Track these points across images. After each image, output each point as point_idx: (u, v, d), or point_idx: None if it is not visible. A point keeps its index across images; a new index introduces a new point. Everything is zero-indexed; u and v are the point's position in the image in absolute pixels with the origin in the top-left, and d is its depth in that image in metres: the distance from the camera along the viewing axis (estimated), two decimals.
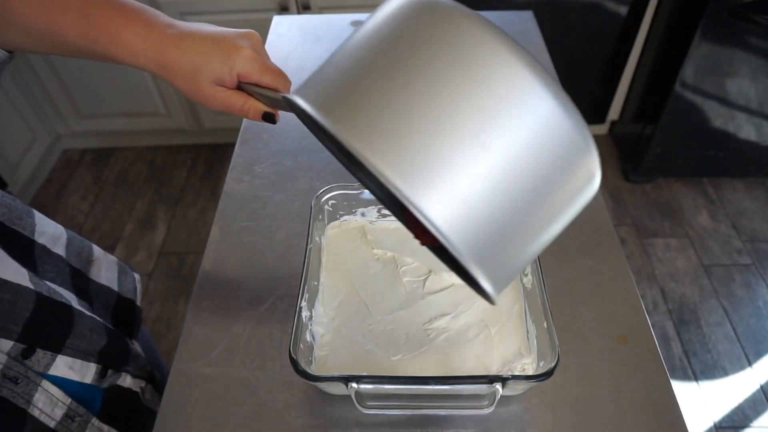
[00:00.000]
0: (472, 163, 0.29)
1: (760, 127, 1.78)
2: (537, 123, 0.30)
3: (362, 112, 0.30)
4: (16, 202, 0.55)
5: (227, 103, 0.48)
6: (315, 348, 0.56)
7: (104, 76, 1.87)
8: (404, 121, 0.29)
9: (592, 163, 0.33)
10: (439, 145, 0.29)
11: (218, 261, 0.67)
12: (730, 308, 1.60)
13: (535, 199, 0.31)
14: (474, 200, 0.30)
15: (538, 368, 0.51)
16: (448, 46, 0.30)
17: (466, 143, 0.29)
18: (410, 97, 0.30)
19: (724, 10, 1.49)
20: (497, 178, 0.30)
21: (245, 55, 0.46)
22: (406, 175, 0.29)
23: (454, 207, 0.29)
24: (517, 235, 0.32)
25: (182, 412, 0.54)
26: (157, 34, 0.45)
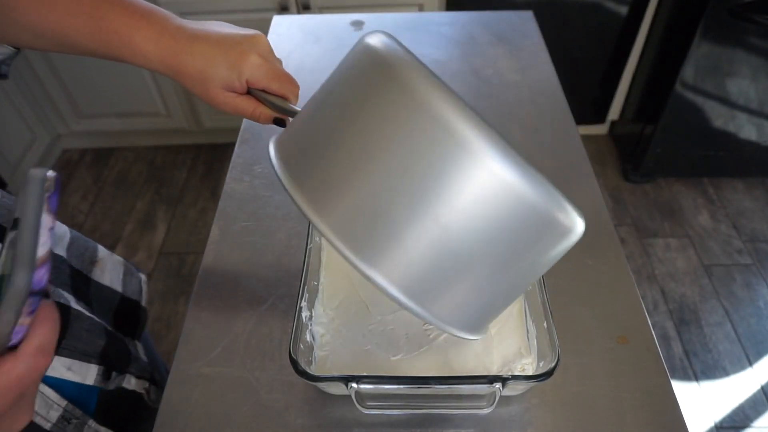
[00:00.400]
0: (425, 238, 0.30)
1: (760, 127, 1.78)
2: (491, 196, 0.30)
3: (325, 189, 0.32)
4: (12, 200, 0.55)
5: (237, 109, 0.49)
6: (315, 348, 0.56)
7: (104, 76, 1.87)
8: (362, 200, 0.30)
9: (565, 219, 0.32)
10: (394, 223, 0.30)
11: (218, 261, 0.67)
12: (731, 308, 1.60)
13: (501, 262, 0.32)
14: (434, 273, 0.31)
15: (538, 368, 0.51)
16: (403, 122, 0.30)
17: (418, 221, 0.30)
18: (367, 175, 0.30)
19: (724, 10, 1.49)
20: (454, 252, 0.30)
21: (252, 63, 0.46)
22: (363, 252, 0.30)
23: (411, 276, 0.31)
24: (488, 293, 0.33)
25: (182, 412, 0.54)
26: (167, 38, 0.45)
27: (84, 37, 0.45)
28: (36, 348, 0.30)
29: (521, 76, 0.95)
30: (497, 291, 0.34)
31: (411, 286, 0.30)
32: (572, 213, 0.32)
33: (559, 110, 0.87)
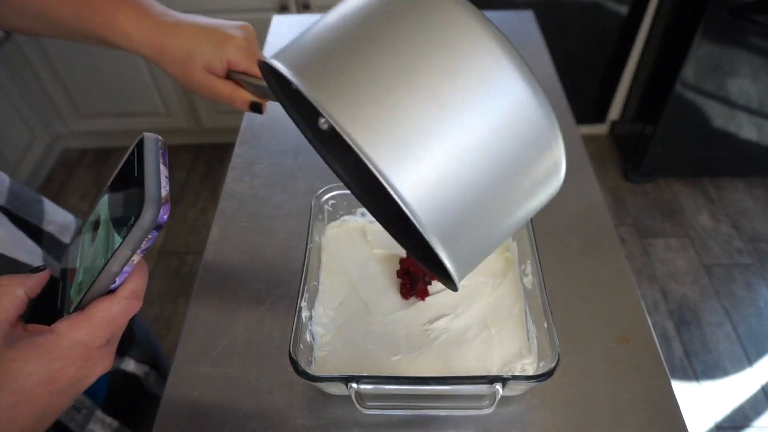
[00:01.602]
0: (440, 137, 0.29)
1: (760, 126, 1.78)
2: (507, 104, 0.30)
3: (337, 78, 0.30)
4: (25, 189, 0.56)
5: (215, 91, 0.48)
6: (315, 348, 0.56)
7: (104, 76, 1.87)
8: (377, 94, 0.29)
9: (558, 152, 0.33)
10: (409, 117, 0.29)
11: (218, 261, 0.67)
12: (731, 308, 1.60)
13: (500, 181, 0.31)
14: (441, 176, 0.30)
15: (539, 368, 0.51)
16: (426, 24, 0.30)
17: (435, 118, 0.29)
18: (384, 70, 0.30)
19: (725, 10, 1.49)
20: (465, 154, 0.30)
21: (237, 44, 0.46)
22: (378, 146, 0.29)
23: (422, 182, 0.30)
24: (481, 217, 0.32)
25: (182, 412, 0.54)
26: (151, 19, 0.46)
27: (68, 15, 0.45)
28: (131, 291, 0.33)
29: None
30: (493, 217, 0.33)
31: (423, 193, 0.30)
32: (563, 151, 0.33)
33: (559, 110, 0.87)
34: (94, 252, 0.34)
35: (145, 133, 0.35)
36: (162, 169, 0.33)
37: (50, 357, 0.31)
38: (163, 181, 0.32)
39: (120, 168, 0.36)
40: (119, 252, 0.31)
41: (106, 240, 0.33)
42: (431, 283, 0.60)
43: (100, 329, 0.32)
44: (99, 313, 0.32)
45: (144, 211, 0.30)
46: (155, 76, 1.86)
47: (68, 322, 0.32)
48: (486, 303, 0.59)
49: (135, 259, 0.32)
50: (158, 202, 0.31)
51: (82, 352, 0.32)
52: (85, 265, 0.35)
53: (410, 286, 0.59)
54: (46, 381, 0.31)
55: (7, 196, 0.53)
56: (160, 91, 1.91)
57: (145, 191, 0.31)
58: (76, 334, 0.32)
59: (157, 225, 0.31)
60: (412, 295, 0.60)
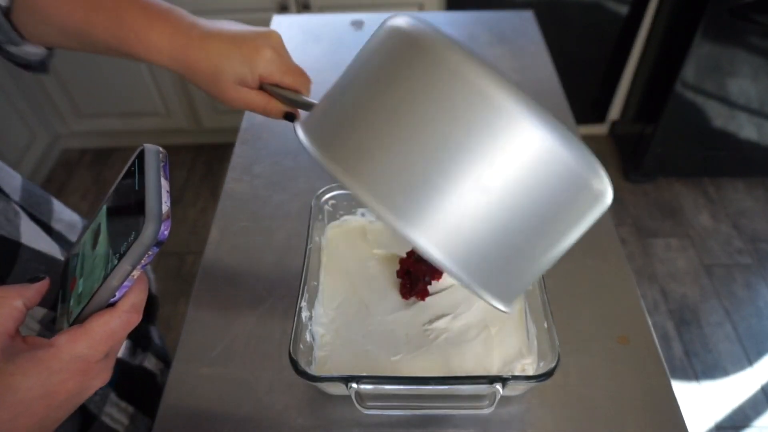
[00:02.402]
0: (466, 202, 0.30)
1: (760, 126, 1.78)
2: (530, 159, 0.30)
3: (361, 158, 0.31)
4: (35, 188, 0.57)
5: (249, 104, 0.49)
6: (315, 348, 0.56)
7: (104, 76, 1.87)
8: (401, 166, 0.30)
9: (598, 184, 0.33)
10: (434, 188, 0.30)
11: (218, 261, 0.67)
12: (731, 308, 1.60)
13: (537, 226, 0.32)
14: (473, 236, 0.31)
15: (539, 368, 0.51)
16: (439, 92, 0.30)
17: (459, 186, 0.30)
18: (404, 142, 0.31)
19: (725, 10, 1.49)
20: (492, 214, 0.31)
21: (266, 57, 0.46)
22: (405, 216, 0.30)
23: (454, 241, 0.31)
24: (522, 259, 0.34)
25: (182, 412, 0.54)
26: (181, 35, 0.46)
27: (105, 33, 0.46)
28: (131, 305, 0.33)
29: (521, 76, 0.95)
30: (532, 257, 0.34)
31: (451, 248, 0.31)
32: (604, 177, 0.33)
33: (559, 110, 0.87)
34: (93, 263, 0.34)
35: (145, 144, 0.35)
36: (163, 183, 0.32)
37: (49, 371, 0.31)
38: (164, 197, 0.32)
39: (120, 179, 0.35)
40: (119, 267, 0.31)
41: (106, 253, 0.33)
42: (431, 283, 0.60)
43: (100, 343, 0.32)
44: (98, 327, 0.32)
45: (145, 228, 0.30)
46: (155, 76, 1.86)
47: (67, 336, 0.32)
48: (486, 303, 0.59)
49: (135, 274, 0.32)
50: (159, 218, 0.31)
51: (81, 366, 0.32)
52: (85, 276, 0.35)
53: (410, 286, 0.59)
54: (45, 395, 0.31)
55: (21, 194, 0.54)
56: (160, 91, 1.91)
57: (146, 207, 0.31)
58: (75, 348, 0.32)
59: (157, 242, 0.31)
60: (412, 295, 0.60)
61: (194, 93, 1.91)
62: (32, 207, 0.55)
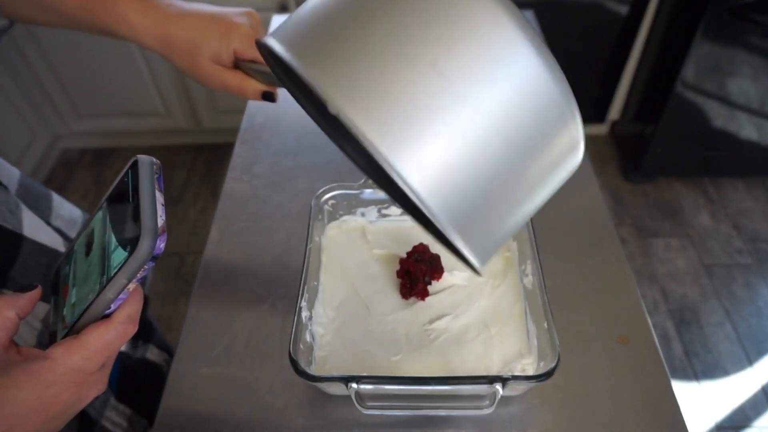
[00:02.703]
0: (451, 121, 0.28)
1: (760, 126, 1.78)
2: (522, 81, 0.28)
3: (340, 64, 0.28)
4: (34, 183, 0.56)
5: (225, 82, 0.48)
6: (315, 348, 0.56)
7: (104, 76, 1.87)
8: (381, 77, 0.27)
9: (575, 131, 0.31)
10: (417, 101, 0.27)
11: (218, 261, 0.67)
12: (731, 308, 1.60)
13: (517, 162, 0.30)
14: (453, 161, 0.28)
15: (539, 368, 0.51)
16: None
17: (445, 98, 0.27)
18: (388, 49, 0.28)
19: (725, 10, 1.49)
20: (477, 137, 0.28)
21: (242, 32, 0.46)
22: (386, 137, 0.27)
23: (433, 169, 0.28)
24: (499, 201, 0.31)
25: (182, 412, 0.54)
26: (155, 10, 0.45)
27: (73, 5, 0.45)
28: (126, 317, 0.33)
29: None
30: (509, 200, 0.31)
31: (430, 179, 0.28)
32: (581, 129, 0.31)
33: None
34: (87, 273, 0.34)
35: (139, 155, 0.34)
36: (158, 196, 0.32)
37: (44, 384, 0.31)
38: (159, 210, 0.32)
39: (113, 189, 0.35)
40: (115, 281, 0.31)
41: (101, 264, 0.33)
42: (431, 283, 0.60)
43: (95, 355, 0.32)
44: (94, 339, 0.32)
45: (140, 243, 0.30)
46: (155, 76, 1.86)
47: (62, 348, 0.31)
48: (486, 303, 0.59)
49: (131, 287, 0.32)
50: (155, 233, 0.30)
51: (76, 378, 0.32)
52: (78, 286, 0.34)
53: (410, 286, 0.59)
54: (40, 407, 0.31)
55: (18, 188, 0.54)
56: (160, 91, 1.91)
57: (142, 222, 0.30)
58: (70, 360, 0.31)
59: (153, 256, 0.31)
60: (412, 295, 0.59)
61: (194, 93, 1.91)
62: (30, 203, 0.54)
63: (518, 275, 0.60)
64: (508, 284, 0.61)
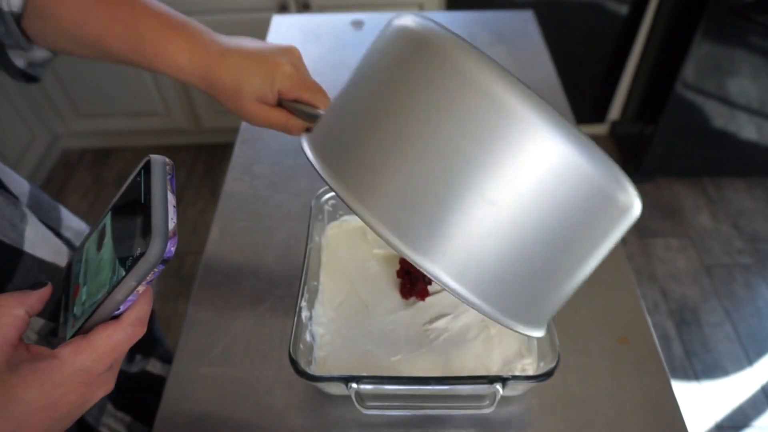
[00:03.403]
0: (480, 222, 0.28)
1: (761, 126, 1.78)
2: (546, 171, 0.28)
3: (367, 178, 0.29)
4: (43, 195, 0.57)
5: (270, 120, 0.48)
6: (315, 348, 0.56)
7: (103, 76, 1.87)
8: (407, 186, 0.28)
9: (624, 197, 0.31)
10: (445, 208, 0.28)
11: (218, 261, 0.67)
12: (731, 308, 1.60)
13: (558, 244, 0.30)
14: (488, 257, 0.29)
15: (539, 368, 0.51)
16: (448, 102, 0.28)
17: (472, 204, 0.28)
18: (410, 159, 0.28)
19: (725, 10, 1.49)
20: (509, 233, 0.28)
21: (285, 72, 0.46)
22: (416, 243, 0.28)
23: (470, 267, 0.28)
24: (545, 281, 0.32)
25: (182, 412, 0.54)
26: (201, 51, 0.46)
27: (120, 45, 0.46)
28: (135, 318, 0.33)
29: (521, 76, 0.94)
30: (554, 278, 0.31)
31: (466, 274, 0.28)
32: (629, 188, 0.31)
33: (560, 110, 0.87)
34: (98, 272, 0.34)
35: (152, 155, 0.34)
36: (170, 198, 0.32)
37: (52, 383, 0.31)
38: (171, 212, 0.31)
39: (125, 189, 0.35)
40: (124, 282, 0.31)
41: (111, 263, 0.32)
42: (431, 283, 0.60)
43: (103, 356, 0.32)
44: (102, 340, 0.32)
45: (151, 246, 0.30)
46: (155, 76, 1.86)
47: (71, 348, 0.32)
48: None
49: (140, 289, 0.32)
50: (166, 236, 0.30)
51: (83, 378, 0.32)
52: (89, 285, 0.34)
53: (410, 286, 0.59)
54: (47, 407, 0.31)
55: (29, 199, 0.54)
56: (160, 91, 1.91)
57: (152, 224, 0.30)
58: (78, 360, 0.31)
59: (163, 259, 0.30)
60: (412, 295, 0.60)
61: (194, 93, 1.91)
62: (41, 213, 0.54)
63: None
64: None
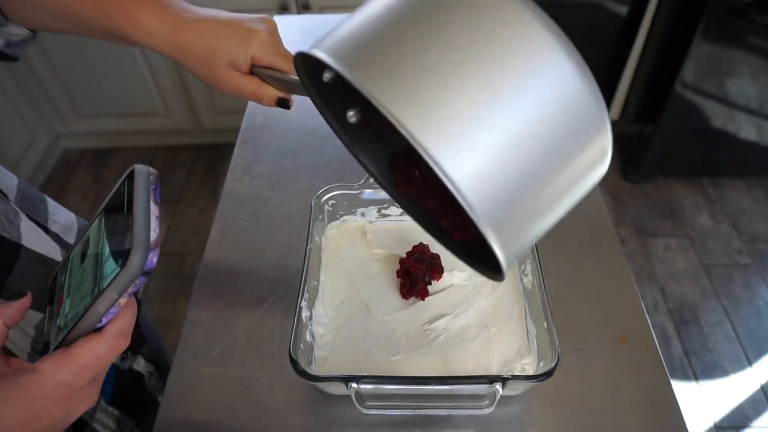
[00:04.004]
0: (489, 118, 0.29)
1: (760, 126, 1.78)
2: (558, 86, 0.30)
3: (379, 61, 0.30)
4: (31, 189, 0.57)
5: (241, 88, 0.48)
6: (315, 348, 0.56)
7: (104, 76, 1.87)
8: (422, 73, 0.29)
9: (605, 138, 0.32)
10: (457, 98, 0.29)
11: (218, 261, 0.67)
12: (731, 308, 1.60)
13: (549, 165, 0.31)
14: (494, 164, 0.29)
15: (538, 368, 0.51)
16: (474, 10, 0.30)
17: (484, 98, 0.29)
18: (429, 50, 0.29)
19: (724, 10, 1.49)
20: (517, 142, 0.29)
21: (260, 38, 0.46)
22: (425, 128, 0.28)
23: (473, 166, 0.29)
24: (532, 205, 0.32)
25: (182, 412, 0.54)
26: (172, 16, 0.45)
27: (91, 11, 0.45)
28: (118, 331, 0.32)
29: None
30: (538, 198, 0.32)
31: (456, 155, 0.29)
32: (610, 137, 0.32)
33: None
34: (81, 284, 0.33)
35: (136, 165, 0.33)
36: (153, 208, 0.31)
37: (31, 398, 0.30)
38: (153, 223, 0.31)
39: (109, 199, 0.34)
40: (105, 295, 0.30)
41: (94, 275, 0.32)
42: (431, 283, 0.60)
43: (85, 369, 0.31)
44: (84, 353, 0.31)
45: (131, 258, 0.29)
46: (155, 76, 1.86)
47: (51, 362, 0.31)
48: (486, 303, 0.59)
49: (122, 301, 0.31)
50: (147, 248, 0.30)
51: (64, 392, 0.31)
52: (72, 296, 0.34)
53: (410, 286, 0.59)
54: (28, 421, 0.30)
55: (17, 194, 0.54)
56: (160, 91, 1.91)
57: (134, 235, 0.30)
58: (58, 374, 0.31)
59: (144, 271, 0.30)
60: (412, 295, 0.60)
61: (194, 93, 1.91)
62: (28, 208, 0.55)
63: (518, 275, 0.60)
64: (508, 284, 0.61)
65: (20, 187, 0.55)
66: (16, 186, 0.55)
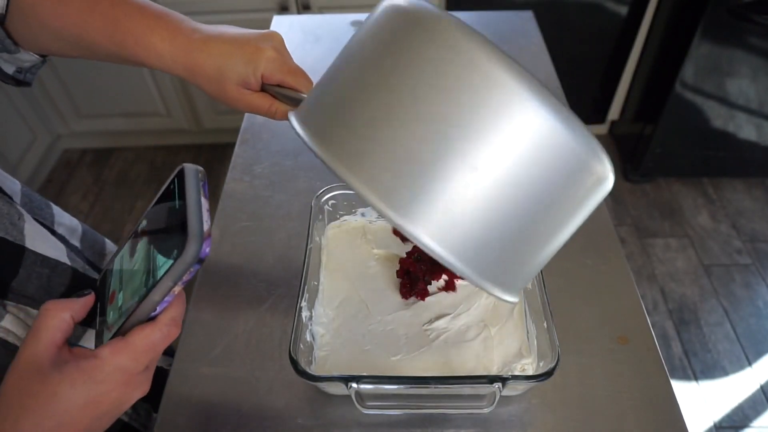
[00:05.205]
0: (463, 187, 0.29)
1: (760, 127, 1.78)
2: (529, 139, 0.29)
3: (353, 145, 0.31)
4: (34, 194, 0.57)
5: (253, 105, 0.49)
6: (315, 348, 0.56)
7: (104, 76, 1.87)
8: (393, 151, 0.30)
9: (600, 168, 0.32)
10: (429, 173, 0.29)
11: (218, 261, 0.67)
12: (730, 308, 1.60)
13: (538, 210, 0.31)
14: (470, 221, 0.30)
15: (538, 368, 0.51)
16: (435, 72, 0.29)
17: (455, 169, 0.29)
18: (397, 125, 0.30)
19: (724, 10, 1.49)
20: (491, 198, 0.30)
21: (268, 56, 0.46)
22: (399, 206, 0.30)
23: (452, 231, 0.30)
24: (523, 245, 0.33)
25: (182, 412, 0.54)
26: (182, 38, 0.46)
27: (101, 37, 0.46)
28: (171, 319, 0.34)
29: None
30: (533, 244, 0.33)
31: (447, 237, 0.30)
32: (605, 160, 0.32)
33: None
34: (132, 277, 0.35)
35: (185, 164, 0.36)
36: (203, 202, 0.34)
37: (93, 381, 0.32)
38: (205, 215, 0.33)
39: (159, 196, 0.36)
40: (162, 283, 0.32)
41: (147, 268, 0.34)
42: (431, 283, 0.60)
43: (141, 355, 0.33)
44: (140, 340, 0.33)
45: (187, 247, 0.31)
46: (156, 77, 1.86)
47: (110, 348, 0.33)
48: (486, 303, 0.59)
49: (176, 290, 0.33)
50: (201, 237, 0.32)
51: (123, 377, 0.33)
52: (125, 291, 0.36)
53: (410, 286, 0.59)
54: (88, 404, 0.32)
55: (21, 198, 0.54)
56: (161, 91, 1.91)
57: (188, 226, 0.32)
58: (117, 359, 0.33)
59: (199, 259, 0.32)
60: (412, 295, 0.60)
61: (195, 93, 1.91)
62: (34, 211, 0.55)
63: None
64: None
65: (24, 192, 0.55)
66: (20, 191, 0.55)
